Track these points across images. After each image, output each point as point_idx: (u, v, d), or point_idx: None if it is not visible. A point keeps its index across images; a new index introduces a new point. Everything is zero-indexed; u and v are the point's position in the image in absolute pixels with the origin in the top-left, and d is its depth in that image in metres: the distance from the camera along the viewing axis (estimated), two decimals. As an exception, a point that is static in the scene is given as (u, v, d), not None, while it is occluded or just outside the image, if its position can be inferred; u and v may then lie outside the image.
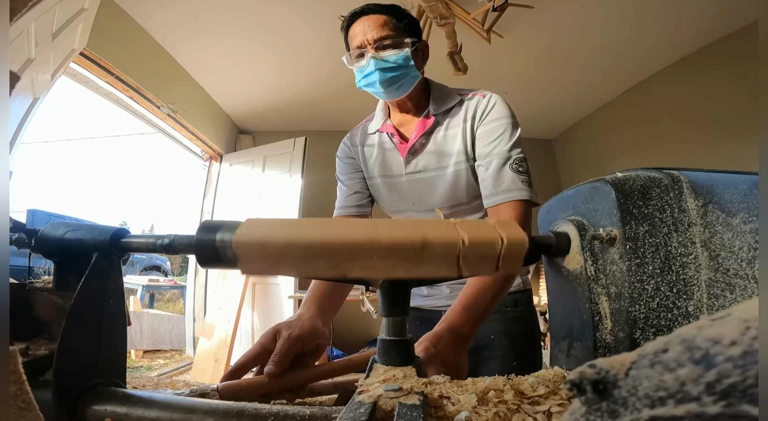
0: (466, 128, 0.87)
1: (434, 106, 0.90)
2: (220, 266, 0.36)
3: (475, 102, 0.88)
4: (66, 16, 1.65)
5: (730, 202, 0.38)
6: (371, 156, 0.97)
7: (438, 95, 0.91)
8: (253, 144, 4.04)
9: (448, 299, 0.94)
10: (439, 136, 0.89)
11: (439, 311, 0.93)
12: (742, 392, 0.12)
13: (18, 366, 0.28)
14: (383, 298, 0.42)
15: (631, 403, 0.15)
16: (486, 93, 0.89)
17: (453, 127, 0.88)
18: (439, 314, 0.92)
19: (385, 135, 0.95)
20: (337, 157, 1.03)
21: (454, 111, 0.89)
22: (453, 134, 0.88)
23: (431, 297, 0.98)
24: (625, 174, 0.41)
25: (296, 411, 0.33)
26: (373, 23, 0.85)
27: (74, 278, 0.40)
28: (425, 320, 0.96)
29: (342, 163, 1.02)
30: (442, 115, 0.90)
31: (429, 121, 0.89)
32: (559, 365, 0.42)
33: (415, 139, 0.90)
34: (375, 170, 0.96)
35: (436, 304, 0.96)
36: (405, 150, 0.91)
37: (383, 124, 0.95)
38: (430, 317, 0.95)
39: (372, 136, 0.97)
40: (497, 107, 0.86)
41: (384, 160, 0.95)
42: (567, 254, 0.43)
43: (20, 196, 5.74)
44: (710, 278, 0.36)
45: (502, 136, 0.83)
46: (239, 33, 2.66)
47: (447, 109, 0.89)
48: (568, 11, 2.50)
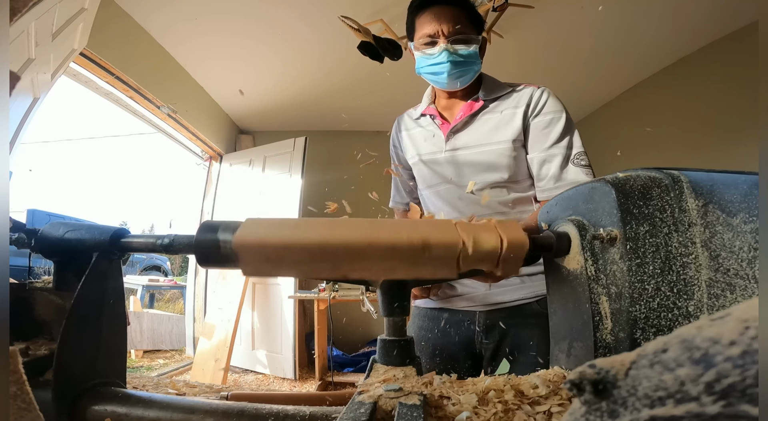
0: (516, 114, 0.89)
1: (484, 93, 0.93)
2: (220, 266, 0.36)
3: (528, 93, 0.90)
4: (66, 16, 1.65)
5: (731, 202, 0.38)
6: (414, 137, 1.02)
7: (490, 85, 0.95)
8: (253, 144, 4.04)
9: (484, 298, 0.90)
10: (484, 118, 0.92)
11: (473, 312, 0.90)
12: (742, 392, 0.12)
13: (18, 366, 0.28)
14: (383, 298, 0.42)
15: (631, 403, 0.15)
16: (539, 86, 0.92)
17: (501, 110, 0.91)
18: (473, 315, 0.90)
19: (428, 117, 0.99)
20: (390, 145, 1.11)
21: (503, 98, 0.92)
22: (500, 118, 0.90)
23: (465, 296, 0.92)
24: (626, 174, 0.41)
25: (296, 411, 0.33)
26: (448, 15, 0.87)
27: (74, 278, 0.40)
28: (456, 323, 0.92)
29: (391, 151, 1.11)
30: (491, 101, 0.93)
31: (477, 104, 0.93)
32: (559, 365, 0.42)
33: (459, 119, 0.93)
34: (417, 150, 1.00)
35: (471, 303, 0.91)
36: (447, 129, 0.94)
37: (427, 107, 1.00)
38: (462, 319, 0.91)
39: (416, 121, 1.02)
40: (552, 100, 0.89)
41: (425, 140, 0.99)
42: (567, 254, 0.43)
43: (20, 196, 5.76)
44: (710, 278, 0.36)
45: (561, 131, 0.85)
46: (239, 33, 2.66)
47: (496, 96, 0.93)
48: (568, 11, 2.49)
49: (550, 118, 0.87)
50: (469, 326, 0.90)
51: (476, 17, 0.92)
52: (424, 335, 0.95)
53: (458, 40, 0.88)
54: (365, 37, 2.25)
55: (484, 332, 0.88)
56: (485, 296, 0.89)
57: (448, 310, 0.93)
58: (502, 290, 0.87)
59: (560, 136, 0.86)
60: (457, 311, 0.92)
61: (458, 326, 0.91)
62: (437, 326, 0.94)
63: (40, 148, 16.23)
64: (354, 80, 3.24)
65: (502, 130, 0.89)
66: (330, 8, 2.33)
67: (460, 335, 0.91)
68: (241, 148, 4.01)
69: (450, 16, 0.87)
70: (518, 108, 0.89)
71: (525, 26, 2.62)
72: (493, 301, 0.88)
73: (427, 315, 0.97)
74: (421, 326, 0.97)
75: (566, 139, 0.86)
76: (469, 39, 0.88)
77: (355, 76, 3.15)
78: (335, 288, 2.99)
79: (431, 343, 0.93)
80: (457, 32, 0.87)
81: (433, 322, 0.95)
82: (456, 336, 0.91)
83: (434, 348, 0.93)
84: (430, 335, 0.94)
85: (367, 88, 3.38)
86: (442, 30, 0.87)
